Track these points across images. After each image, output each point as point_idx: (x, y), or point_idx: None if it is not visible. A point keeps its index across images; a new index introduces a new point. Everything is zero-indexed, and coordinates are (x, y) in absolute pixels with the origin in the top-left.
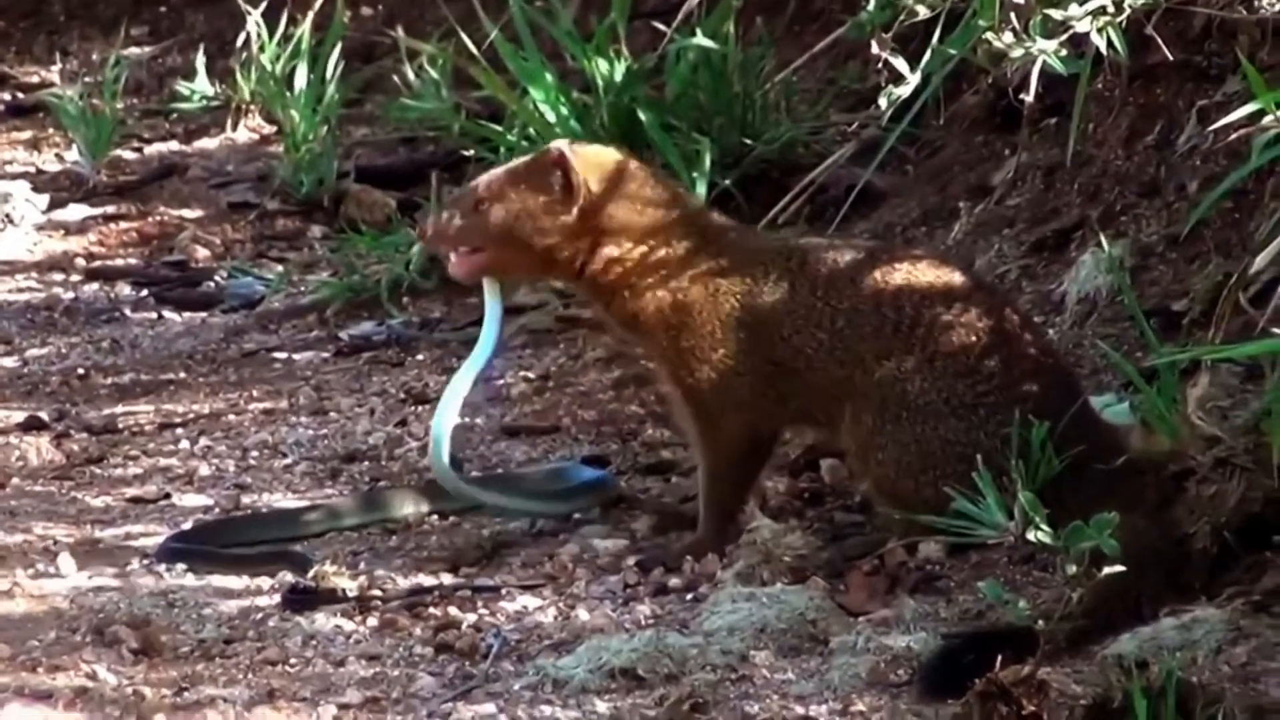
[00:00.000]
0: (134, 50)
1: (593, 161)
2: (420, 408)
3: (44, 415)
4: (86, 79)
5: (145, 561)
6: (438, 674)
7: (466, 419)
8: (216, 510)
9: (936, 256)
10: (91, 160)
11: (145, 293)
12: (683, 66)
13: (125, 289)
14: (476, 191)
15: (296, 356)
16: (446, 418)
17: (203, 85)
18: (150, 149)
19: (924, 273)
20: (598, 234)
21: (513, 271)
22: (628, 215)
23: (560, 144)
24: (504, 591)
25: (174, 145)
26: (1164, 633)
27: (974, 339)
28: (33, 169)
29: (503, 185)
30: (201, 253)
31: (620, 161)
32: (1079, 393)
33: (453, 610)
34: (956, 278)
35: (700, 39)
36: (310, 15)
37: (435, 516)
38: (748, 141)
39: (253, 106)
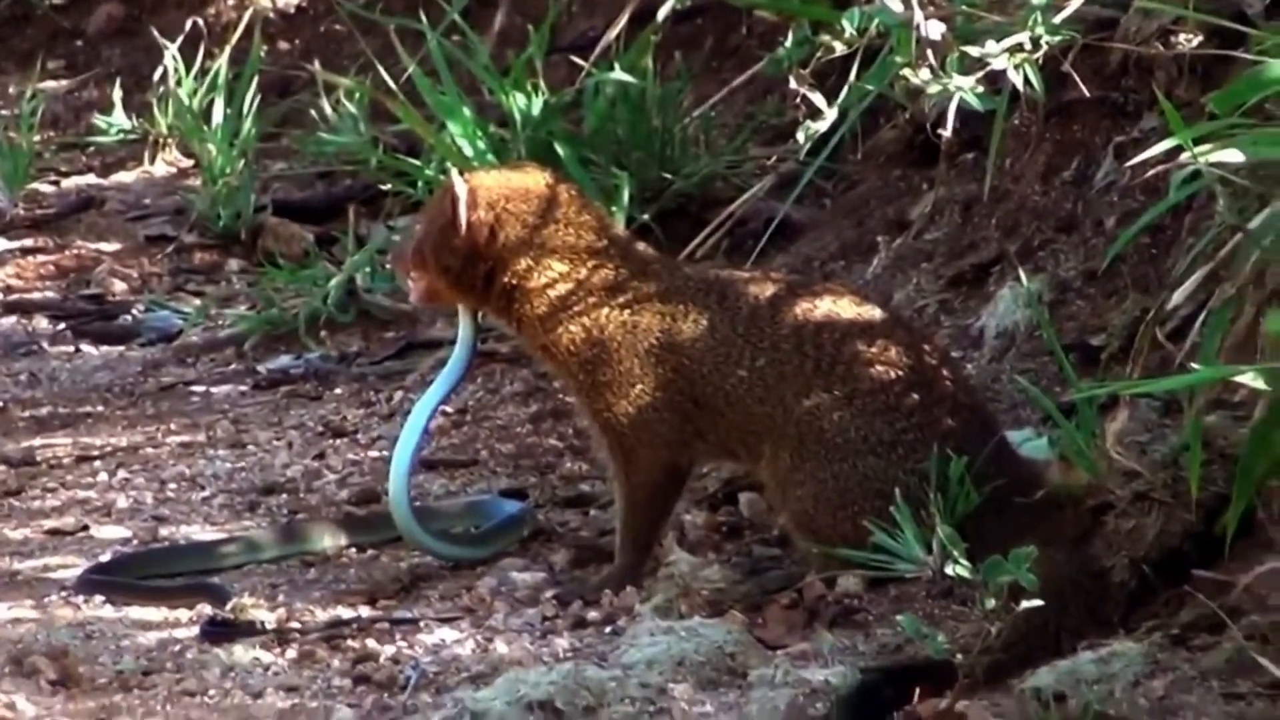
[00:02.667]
0: (50, 83)
1: (494, 186)
2: (338, 440)
3: None
4: (2, 112)
5: (63, 593)
6: (356, 705)
7: (385, 452)
8: (134, 542)
9: (856, 292)
10: (8, 193)
11: (63, 326)
12: (600, 101)
13: (42, 322)
14: (419, 224)
15: (214, 390)
16: (406, 450)
17: (120, 119)
18: (67, 182)
19: (844, 309)
20: (500, 260)
21: (445, 298)
22: (537, 241)
23: (456, 172)
24: (422, 624)
25: (91, 179)
26: (1082, 666)
27: (893, 376)
28: None
29: (424, 211)
30: (119, 286)
31: (529, 185)
32: (996, 429)
33: (371, 642)
34: (876, 314)
35: (618, 73)
36: (227, 50)
37: (353, 549)
38: (666, 176)
39: (170, 140)
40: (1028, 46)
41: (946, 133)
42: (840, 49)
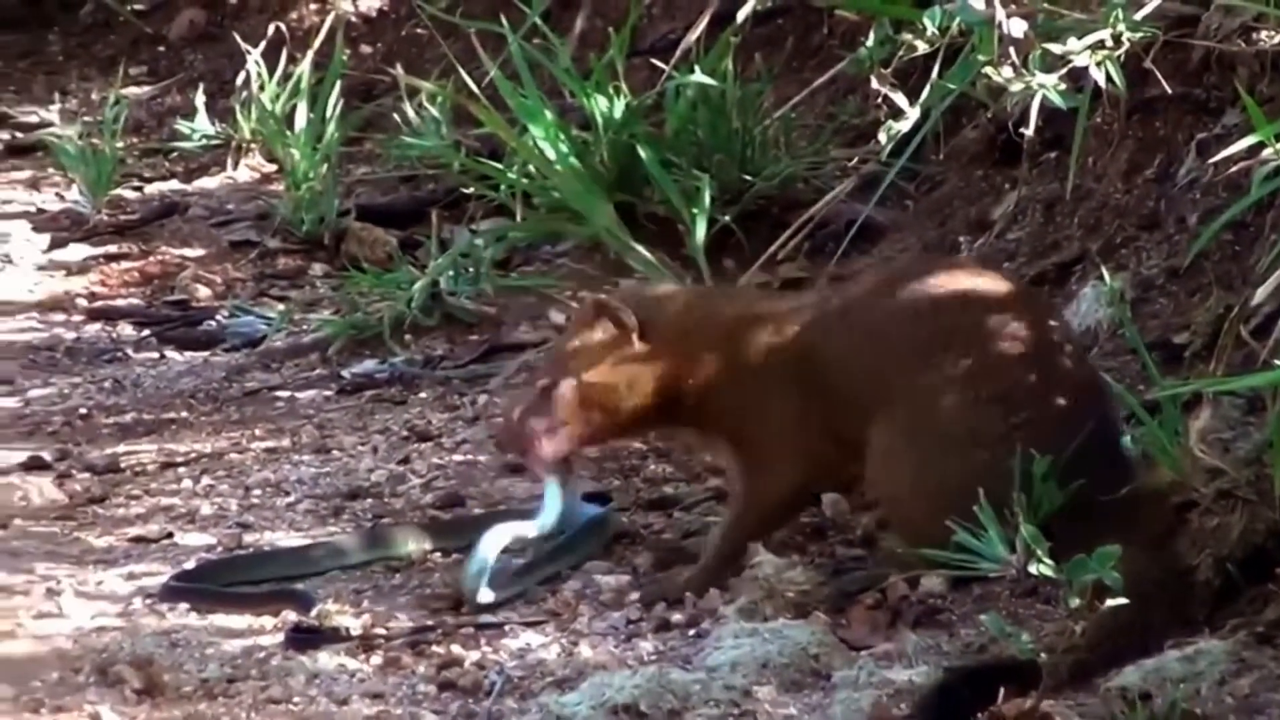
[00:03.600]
0: (133, 89)
1: (629, 297)
2: (423, 444)
3: (46, 455)
4: (86, 118)
5: (148, 601)
6: (441, 712)
7: (470, 456)
8: (219, 549)
9: (979, 263)
10: (92, 200)
11: (147, 332)
12: (682, 103)
13: (127, 329)
14: (540, 379)
15: (299, 395)
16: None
17: (203, 124)
18: (151, 188)
19: (964, 282)
20: (668, 362)
21: (600, 438)
22: (684, 334)
23: (590, 295)
24: (507, 628)
25: (175, 184)
26: (1168, 664)
27: (1012, 357)
28: (33, 208)
29: (564, 358)
30: (203, 292)
31: (651, 289)
32: (1113, 414)
33: (456, 648)
34: (999, 286)
35: (699, 76)
36: (310, 54)
37: (438, 554)
38: (747, 178)
39: (253, 145)
40: (1109, 44)
41: (1029, 131)
42: (922, 48)
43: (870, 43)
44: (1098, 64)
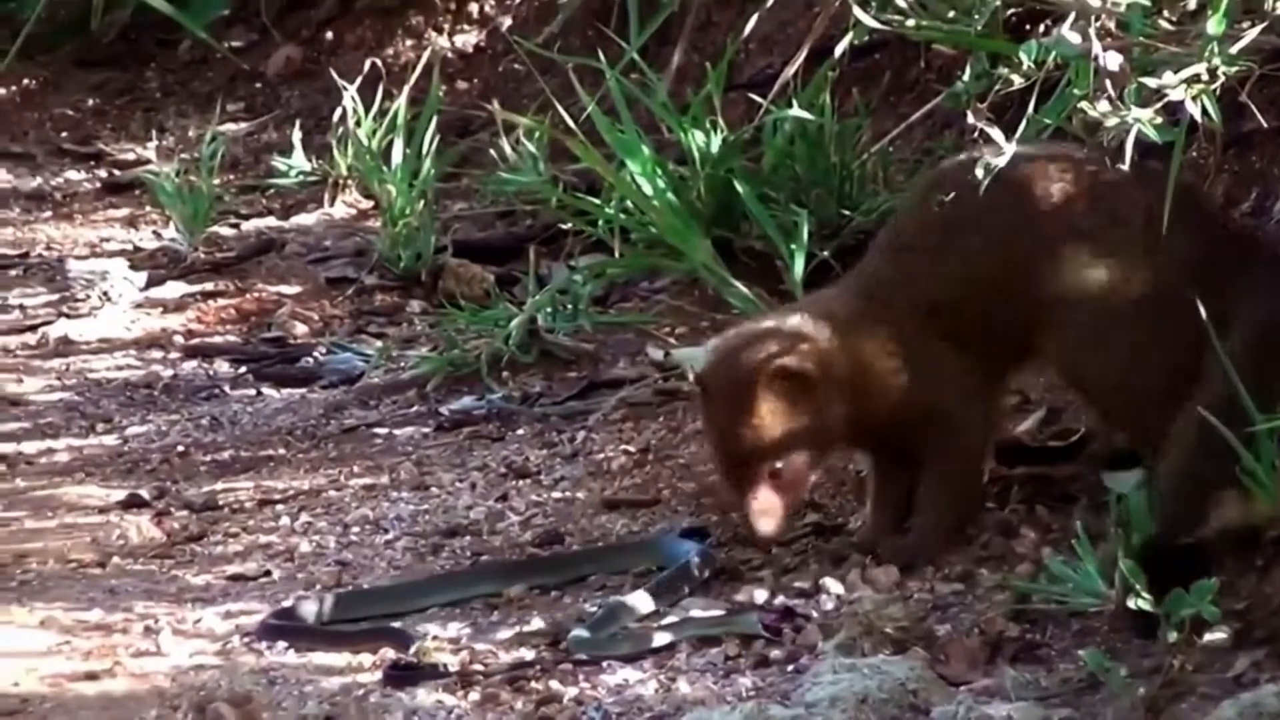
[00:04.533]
0: (230, 126)
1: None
2: (521, 482)
3: (144, 493)
4: (183, 155)
5: (246, 639)
6: None
7: (568, 493)
8: (318, 587)
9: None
10: (189, 237)
11: (244, 369)
12: (779, 138)
13: (224, 366)
14: (760, 467)
15: (397, 432)
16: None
17: (299, 161)
18: (247, 225)
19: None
20: (842, 396)
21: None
22: (844, 360)
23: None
24: (605, 664)
25: (271, 221)
26: (1265, 699)
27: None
28: (130, 246)
29: (768, 439)
30: (300, 329)
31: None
32: None
33: (554, 684)
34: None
35: (796, 110)
36: (406, 90)
37: (537, 590)
38: (845, 212)
39: (349, 181)
40: (1205, 77)
41: (1125, 165)
42: (1018, 82)
43: (967, 77)
44: (1193, 98)
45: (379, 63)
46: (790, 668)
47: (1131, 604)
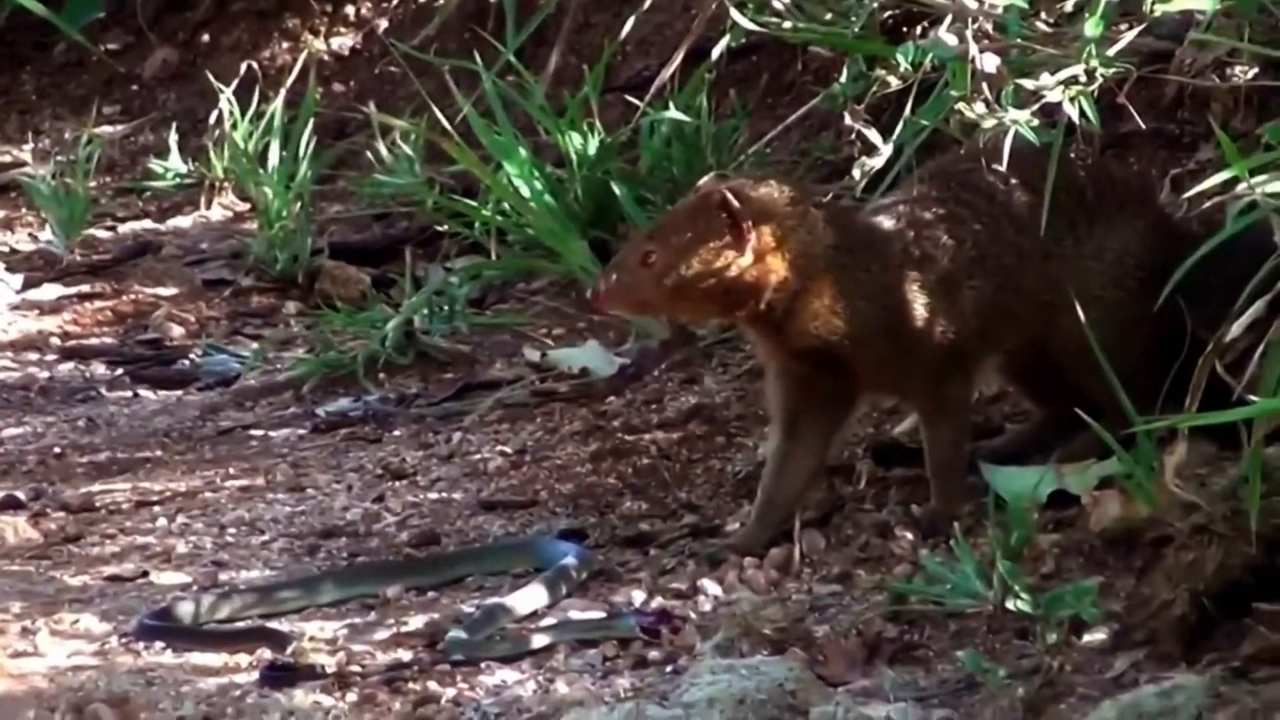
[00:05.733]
0: (106, 129)
1: (753, 196)
2: (397, 483)
3: (21, 495)
4: (59, 158)
5: (123, 640)
6: None
7: (445, 494)
8: (194, 588)
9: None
10: (65, 239)
11: (121, 371)
12: (656, 140)
13: (100, 368)
14: (642, 245)
15: (273, 433)
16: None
17: (176, 164)
18: (124, 227)
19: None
20: (778, 269)
21: (691, 316)
22: (801, 242)
23: (716, 185)
24: (483, 665)
25: (147, 224)
26: (1144, 699)
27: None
28: (6, 249)
29: (667, 235)
30: (176, 331)
31: (777, 189)
32: None
33: (432, 685)
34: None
35: (673, 112)
36: (282, 93)
37: (413, 591)
38: None
39: (226, 184)
40: (1083, 79)
41: (1002, 167)
42: (895, 84)
43: (844, 79)
44: (1071, 100)
45: (255, 65)
46: (668, 669)
47: (1010, 605)
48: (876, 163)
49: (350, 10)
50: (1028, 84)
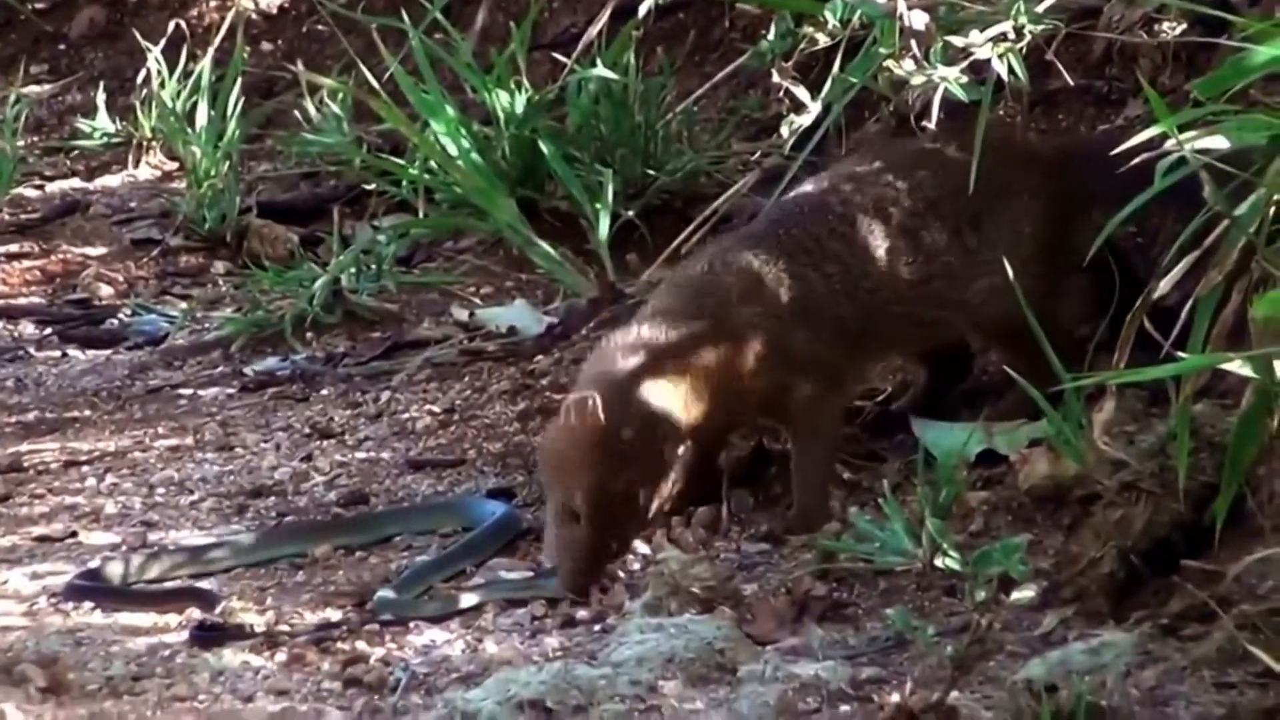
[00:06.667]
0: (33, 88)
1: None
2: (325, 442)
3: None
4: None
5: (52, 600)
6: (346, 708)
7: (373, 453)
8: (123, 548)
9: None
10: None
11: (49, 331)
12: (584, 98)
13: (29, 327)
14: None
15: (201, 393)
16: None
17: (104, 122)
18: (52, 186)
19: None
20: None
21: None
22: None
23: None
24: (411, 625)
25: (76, 183)
26: (1073, 656)
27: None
28: None
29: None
30: (105, 290)
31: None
32: None
33: (360, 644)
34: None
35: (601, 70)
36: (210, 52)
37: (342, 551)
38: (650, 172)
39: (154, 143)
40: (1011, 36)
41: (931, 124)
42: (823, 41)
43: (771, 36)
44: (999, 56)
45: (183, 24)
46: (597, 628)
47: (939, 562)
48: (805, 120)
49: None
50: (956, 41)
